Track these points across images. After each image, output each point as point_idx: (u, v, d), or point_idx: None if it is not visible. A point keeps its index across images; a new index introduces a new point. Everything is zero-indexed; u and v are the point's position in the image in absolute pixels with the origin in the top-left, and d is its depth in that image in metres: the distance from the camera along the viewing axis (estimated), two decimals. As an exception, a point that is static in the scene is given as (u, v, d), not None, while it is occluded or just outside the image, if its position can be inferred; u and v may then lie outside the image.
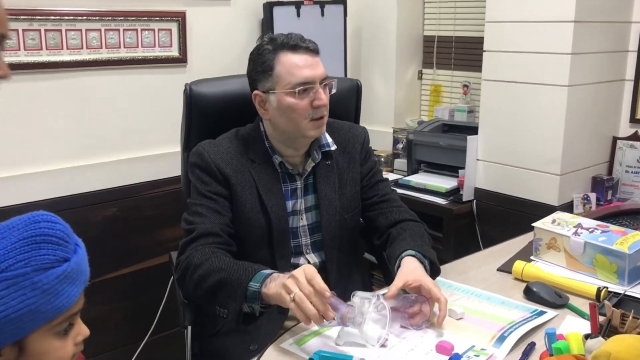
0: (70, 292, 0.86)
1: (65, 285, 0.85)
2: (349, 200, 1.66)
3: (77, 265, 0.88)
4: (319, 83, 1.51)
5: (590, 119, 2.30)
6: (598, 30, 2.22)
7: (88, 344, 1.08)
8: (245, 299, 1.32)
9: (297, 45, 1.51)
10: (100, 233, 2.33)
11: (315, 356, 1.17)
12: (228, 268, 1.38)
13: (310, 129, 1.53)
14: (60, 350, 0.88)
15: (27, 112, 2.15)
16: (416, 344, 1.27)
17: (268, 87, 1.53)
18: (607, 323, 1.16)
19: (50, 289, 0.83)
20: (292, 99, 1.50)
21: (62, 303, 0.85)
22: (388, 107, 3.06)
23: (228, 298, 1.34)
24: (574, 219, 1.71)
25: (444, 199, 2.50)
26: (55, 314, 0.85)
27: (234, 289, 1.33)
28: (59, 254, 0.85)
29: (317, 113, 1.51)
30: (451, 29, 2.96)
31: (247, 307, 1.33)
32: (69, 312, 0.87)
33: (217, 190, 1.54)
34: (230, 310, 1.34)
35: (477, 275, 1.63)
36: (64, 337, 0.89)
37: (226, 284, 1.35)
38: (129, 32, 2.32)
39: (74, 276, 0.87)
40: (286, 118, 1.53)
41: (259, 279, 1.32)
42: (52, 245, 0.85)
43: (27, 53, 2.10)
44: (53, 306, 0.84)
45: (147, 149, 2.45)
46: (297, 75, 1.49)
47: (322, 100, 1.50)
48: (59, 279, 0.84)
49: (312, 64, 1.51)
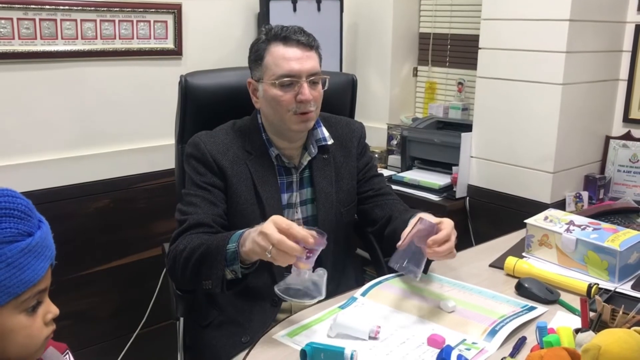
0: (35, 266, 0.85)
1: (31, 259, 0.85)
2: (345, 194, 1.66)
3: (41, 240, 0.87)
4: (306, 78, 1.51)
5: (584, 118, 2.31)
6: (593, 29, 2.23)
7: (80, 335, 1.07)
8: (226, 263, 1.33)
9: (288, 37, 1.52)
10: (93, 225, 2.32)
11: (307, 348, 1.17)
12: (207, 241, 1.40)
13: (294, 123, 1.53)
14: (29, 328, 0.87)
15: (20, 102, 2.14)
16: (408, 336, 1.28)
17: (258, 76, 1.55)
18: (598, 318, 1.17)
19: (15, 263, 0.83)
20: (276, 90, 1.51)
21: (29, 277, 0.84)
22: (383, 103, 3.06)
23: (210, 268, 1.36)
24: (566, 216, 1.72)
25: (437, 195, 2.51)
26: (22, 288, 0.84)
27: (214, 257, 1.35)
28: (21, 227, 0.85)
29: (300, 108, 1.51)
30: (447, 26, 2.97)
31: (230, 273, 1.35)
32: (36, 287, 0.87)
33: (212, 181, 1.54)
34: (214, 277, 1.35)
35: (469, 271, 1.64)
36: (32, 315, 0.88)
37: (207, 254, 1.37)
38: (124, 24, 2.31)
39: (39, 250, 0.86)
40: (271, 109, 1.54)
41: (235, 240, 1.34)
42: (14, 219, 0.84)
43: (21, 42, 2.09)
44: (19, 280, 0.83)
45: (141, 141, 2.44)
46: (282, 67, 1.50)
47: (305, 95, 1.50)
48: (23, 253, 0.84)
49: (301, 57, 1.51)
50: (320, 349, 1.17)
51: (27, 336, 0.87)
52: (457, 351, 1.20)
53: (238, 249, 1.32)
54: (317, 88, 1.54)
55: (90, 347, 2.33)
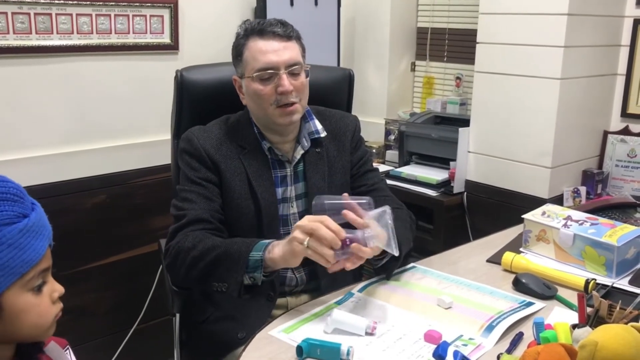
0: (36, 245, 0.88)
1: (30, 239, 0.87)
2: (338, 189, 1.65)
3: (37, 221, 0.90)
4: (285, 69, 1.50)
5: (582, 113, 2.31)
6: (591, 24, 2.22)
7: (76, 331, 1.07)
8: (246, 270, 1.33)
9: (264, 30, 1.51)
10: (89, 220, 2.31)
11: (304, 344, 1.17)
12: (224, 244, 1.40)
13: (278, 117, 1.52)
14: (39, 306, 0.90)
15: (15, 97, 2.13)
16: (404, 332, 1.27)
17: (240, 72, 1.56)
18: (595, 313, 1.17)
19: (16, 243, 0.85)
20: (256, 84, 1.51)
21: (31, 256, 0.87)
22: (380, 98, 3.06)
23: (228, 271, 1.35)
24: (564, 212, 1.71)
25: (434, 190, 2.50)
26: (25, 267, 0.87)
27: (234, 262, 1.35)
28: (16, 210, 0.87)
29: (282, 100, 1.50)
30: (445, 21, 2.96)
31: (247, 279, 1.35)
32: (38, 266, 0.89)
33: (206, 176, 1.53)
34: (231, 282, 1.35)
35: (466, 266, 1.63)
36: (38, 294, 0.90)
37: (225, 258, 1.37)
38: (120, 18, 2.30)
39: (37, 230, 0.89)
40: (255, 104, 1.54)
41: (260, 248, 1.34)
42: (9, 202, 0.87)
43: (16, 37, 2.07)
44: (22, 260, 0.86)
45: (138, 136, 2.43)
46: (260, 60, 1.50)
47: (285, 86, 1.49)
48: (22, 233, 0.86)
49: (278, 49, 1.50)
50: (317, 345, 1.17)
51: (38, 315, 0.90)
52: (453, 347, 1.20)
53: (263, 256, 1.33)
54: (299, 78, 1.53)
55: (87, 343, 2.33)
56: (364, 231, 1.30)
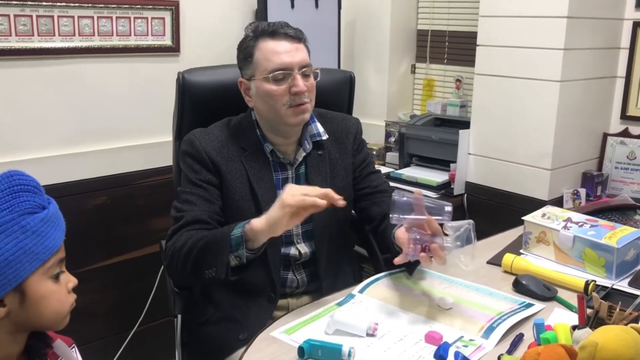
0: (55, 234, 0.94)
1: (50, 228, 0.93)
2: (340, 191, 1.64)
3: (54, 212, 0.96)
4: (298, 70, 1.51)
5: (582, 115, 2.31)
6: (591, 26, 2.23)
7: (78, 332, 1.08)
8: (230, 249, 1.36)
9: (276, 31, 1.52)
10: (91, 221, 2.32)
11: (305, 345, 1.17)
12: (209, 234, 1.43)
13: (290, 116, 1.53)
14: (58, 293, 0.96)
15: (17, 99, 2.13)
16: (405, 333, 1.28)
17: (249, 74, 1.55)
18: (595, 314, 1.17)
19: (38, 231, 0.91)
20: (269, 85, 1.50)
21: (52, 244, 0.93)
22: (381, 100, 3.06)
23: (214, 256, 1.38)
24: (564, 213, 1.72)
25: (435, 192, 2.51)
26: (47, 254, 0.92)
27: (218, 245, 1.38)
28: (37, 200, 0.92)
29: (295, 100, 1.51)
30: (445, 23, 2.96)
31: (234, 260, 1.38)
32: (57, 255, 0.95)
33: (207, 178, 1.54)
34: (218, 264, 1.37)
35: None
36: (57, 282, 0.96)
37: (211, 244, 1.39)
38: (121, 20, 2.31)
39: (55, 220, 0.95)
40: (266, 105, 1.53)
41: (240, 226, 1.38)
42: (30, 193, 0.92)
43: (18, 39, 2.08)
44: (44, 246, 0.91)
45: (139, 138, 2.44)
46: (274, 61, 1.50)
47: (299, 87, 1.50)
48: (43, 222, 0.92)
49: (291, 50, 1.51)
50: (318, 346, 1.18)
51: (58, 301, 0.96)
52: (454, 348, 1.20)
53: (243, 234, 1.36)
54: (310, 80, 1.54)
55: (88, 344, 2.33)
56: (443, 239, 1.31)
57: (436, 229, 1.32)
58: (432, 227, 1.31)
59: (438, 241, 1.30)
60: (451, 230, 1.32)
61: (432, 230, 1.31)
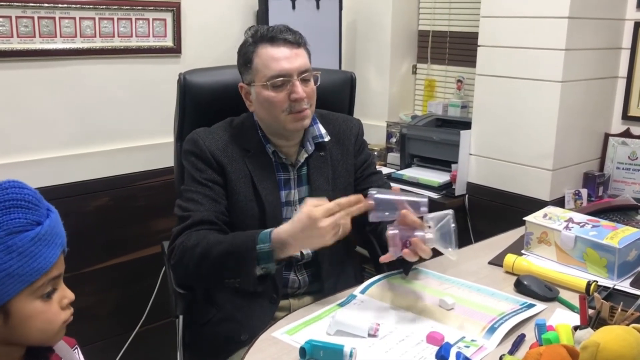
0: (47, 254, 0.88)
1: (41, 248, 0.87)
2: (342, 192, 1.65)
3: (50, 228, 0.89)
4: (297, 76, 1.50)
5: (583, 115, 2.31)
6: (592, 26, 2.23)
7: (79, 333, 1.08)
8: (257, 262, 1.36)
9: (275, 37, 1.51)
10: (92, 223, 2.32)
11: (307, 345, 1.17)
12: (226, 239, 1.42)
13: (290, 122, 1.52)
14: (46, 313, 0.90)
15: (19, 101, 2.14)
16: (407, 334, 1.28)
17: (249, 79, 1.55)
18: (597, 315, 1.17)
19: (26, 252, 0.85)
20: (268, 92, 1.50)
21: (40, 265, 0.87)
22: (382, 101, 3.06)
23: (239, 267, 1.38)
24: (565, 214, 1.72)
25: (436, 193, 2.50)
26: (34, 276, 0.87)
27: (242, 256, 1.37)
28: (30, 217, 0.87)
29: (295, 107, 1.50)
30: (446, 23, 2.96)
31: (259, 270, 1.37)
32: (48, 274, 0.89)
33: (212, 177, 1.54)
34: (244, 276, 1.38)
35: (468, 269, 1.64)
36: (47, 301, 0.91)
37: (232, 252, 1.39)
38: (123, 22, 2.31)
39: (48, 238, 0.88)
40: (265, 111, 1.53)
41: (265, 240, 1.36)
42: (22, 209, 0.86)
43: (19, 40, 2.09)
44: (31, 268, 0.86)
45: (140, 139, 2.44)
46: (273, 68, 1.49)
47: (299, 94, 1.49)
48: (33, 242, 0.86)
49: (290, 56, 1.50)
50: (320, 347, 1.17)
51: (45, 321, 0.90)
52: (456, 348, 1.20)
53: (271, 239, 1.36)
54: (309, 85, 1.54)
55: (90, 346, 2.33)
56: (424, 232, 1.31)
57: (413, 222, 1.32)
58: (409, 222, 1.32)
59: (418, 234, 1.31)
60: (432, 222, 1.32)
61: (410, 224, 1.32)
